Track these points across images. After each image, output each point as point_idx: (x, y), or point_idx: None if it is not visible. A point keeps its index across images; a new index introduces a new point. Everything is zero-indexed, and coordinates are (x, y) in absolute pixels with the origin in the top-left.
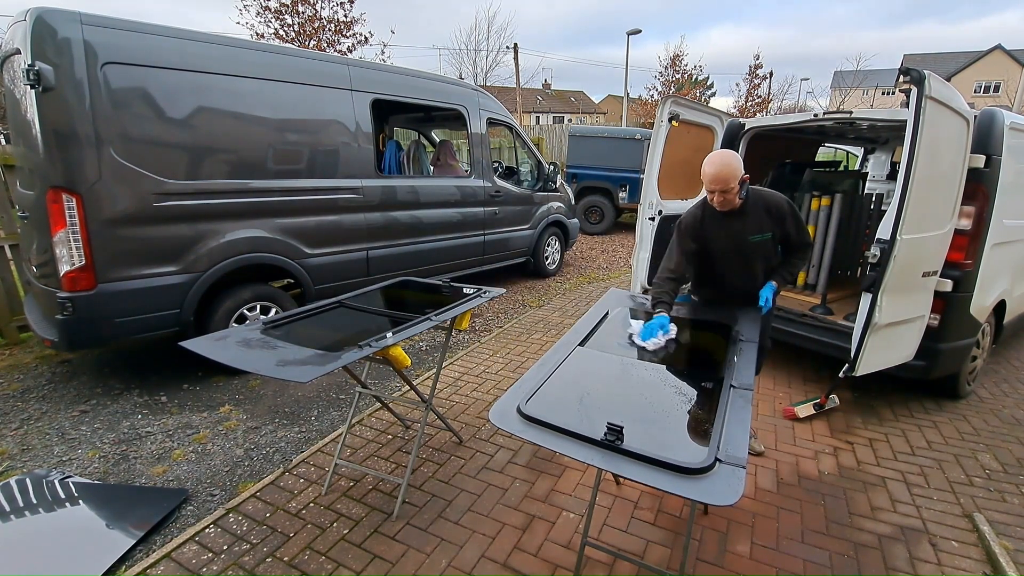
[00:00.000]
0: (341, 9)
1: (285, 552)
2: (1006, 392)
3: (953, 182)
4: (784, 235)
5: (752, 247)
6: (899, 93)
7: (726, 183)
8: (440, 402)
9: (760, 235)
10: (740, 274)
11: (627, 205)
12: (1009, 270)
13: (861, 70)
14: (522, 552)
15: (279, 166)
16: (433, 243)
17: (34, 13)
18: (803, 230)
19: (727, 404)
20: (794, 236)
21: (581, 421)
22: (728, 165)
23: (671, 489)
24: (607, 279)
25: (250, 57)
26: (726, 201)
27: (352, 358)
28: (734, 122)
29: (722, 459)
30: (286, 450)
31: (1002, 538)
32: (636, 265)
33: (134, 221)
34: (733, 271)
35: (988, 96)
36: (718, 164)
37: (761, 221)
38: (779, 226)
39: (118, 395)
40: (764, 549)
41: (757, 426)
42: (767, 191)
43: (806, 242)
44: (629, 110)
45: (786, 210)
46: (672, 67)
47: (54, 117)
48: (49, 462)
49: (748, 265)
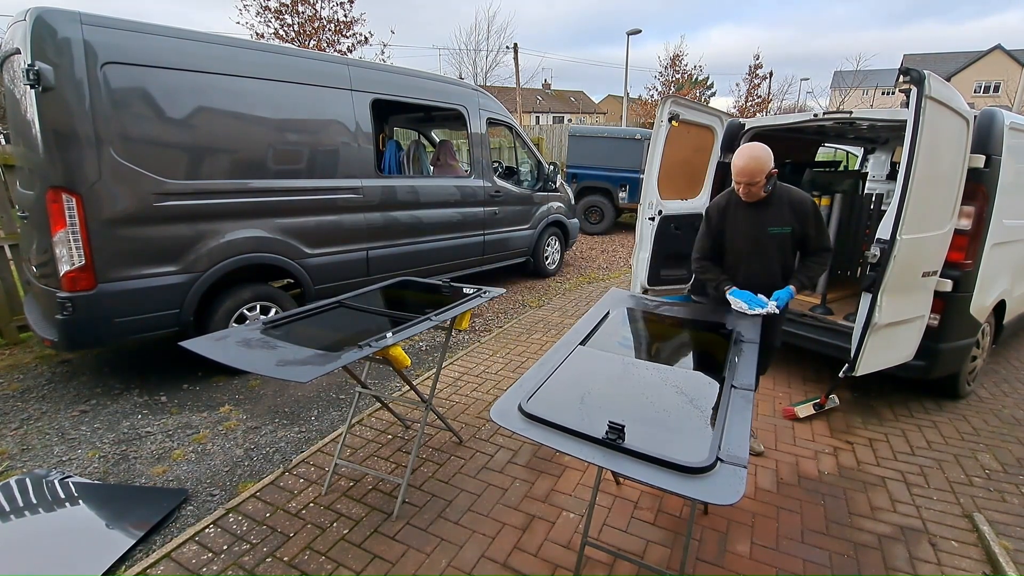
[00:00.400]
0: (341, 9)
1: (285, 552)
2: (1006, 392)
3: (953, 182)
4: (804, 234)
5: (770, 239)
6: (899, 93)
7: (752, 176)
8: (440, 402)
9: (780, 228)
10: (756, 265)
11: (627, 205)
12: (1009, 270)
13: (861, 70)
14: (522, 552)
15: (279, 166)
16: (433, 243)
17: (34, 13)
18: (824, 233)
19: (728, 404)
20: (813, 237)
21: (582, 420)
22: (757, 159)
23: (672, 488)
24: (607, 279)
25: (250, 57)
26: (751, 193)
27: (352, 358)
28: (734, 122)
29: (723, 458)
30: (286, 450)
31: (1002, 538)
32: (636, 265)
33: (134, 221)
34: (749, 261)
35: (988, 96)
36: (747, 157)
37: (783, 214)
38: (800, 223)
39: (118, 395)
40: (764, 549)
41: (757, 426)
42: (795, 189)
43: (825, 246)
44: (629, 110)
45: (809, 209)
46: (672, 67)
47: (54, 117)
48: (49, 462)
49: (764, 257)
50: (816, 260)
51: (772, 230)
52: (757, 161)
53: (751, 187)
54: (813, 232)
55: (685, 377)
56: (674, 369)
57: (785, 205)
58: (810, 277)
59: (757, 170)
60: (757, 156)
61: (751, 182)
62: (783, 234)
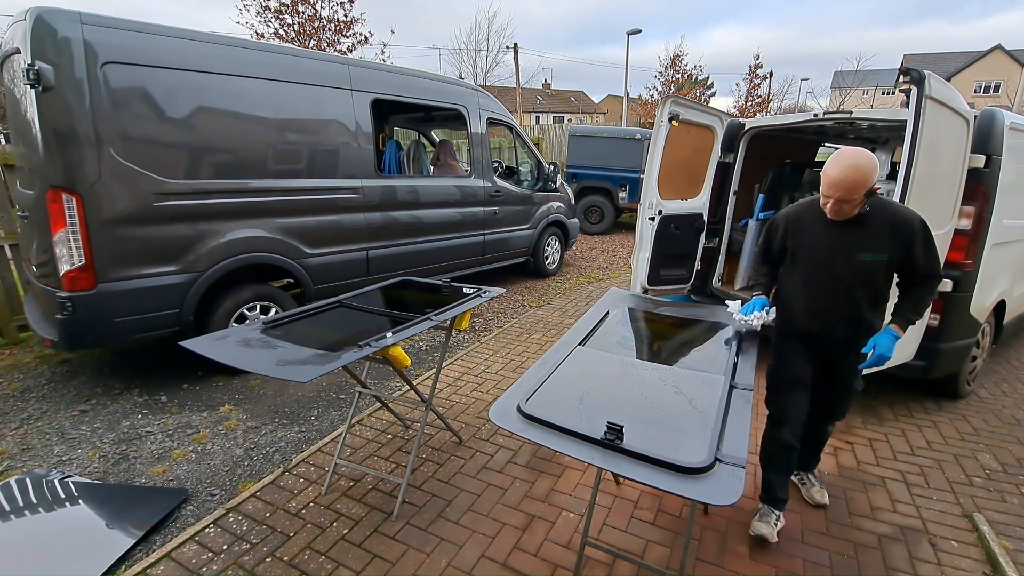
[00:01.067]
0: (341, 9)
1: (285, 552)
2: (1006, 392)
3: (953, 182)
4: (908, 261)
5: (859, 268)
6: (899, 93)
7: (850, 191)
8: (440, 402)
9: (874, 255)
10: (830, 296)
11: (627, 205)
12: (1009, 270)
13: (861, 70)
14: (522, 552)
15: (279, 166)
16: (433, 243)
17: (34, 13)
18: (934, 257)
19: (727, 404)
20: (922, 263)
21: (581, 420)
22: (859, 169)
23: (671, 489)
24: (607, 279)
25: (250, 57)
26: (842, 211)
27: (352, 358)
28: (734, 122)
29: (722, 459)
30: (286, 450)
31: (1002, 538)
32: (636, 265)
33: (134, 221)
34: (824, 292)
35: (988, 96)
36: (846, 166)
37: (880, 238)
38: (903, 249)
39: (118, 395)
40: (764, 549)
41: (758, 426)
42: (899, 205)
43: (935, 272)
44: (629, 110)
45: (917, 230)
46: (672, 67)
47: (54, 117)
48: (49, 462)
49: (843, 286)
50: (927, 289)
51: (863, 256)
52: (859, 172)
53: (844, 204)
54: (922, 257)
55: (685, 377)
56: (674, 369)
57: (884, 226)
58: (919, 313)
59: (858, 184)
60: (859, 165)
61: (846, 198)
62: (876, 262)
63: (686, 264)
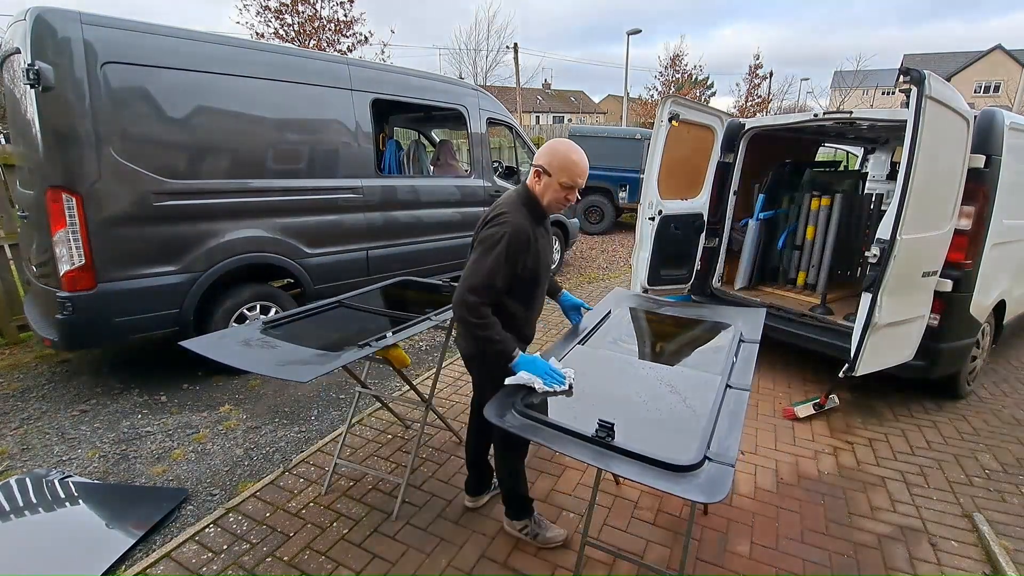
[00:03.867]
0: (341, 9)
1: (285, 552)
2: (1006, 392)
3: (953, 182)
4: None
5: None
6: (899, 93)
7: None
8: (440, 402)
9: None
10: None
11: (627, 205)
12: (1009, 270)
13: (861, 70)
14: (522, 552)
15: (279, 166)
16: (433, 243)
17: (34, 12)
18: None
19: (721, 403)
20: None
21: (575, 418)
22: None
23: (659, 486)
24: (607, 279)
25: (250, 56)
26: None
27: (352, 358)
28: (734, 122)
29: (711, 457)
30: (286, 450)
31: (1002, 538)
32: (636, 265)
33: (134, 220)
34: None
35: (988, 96)
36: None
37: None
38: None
39: (118, 395)
40: (764, 549)
41: (757, 426)
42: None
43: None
44: (629, 110)
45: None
46: (672, 67)
47: (54, 116)
48: (49, 462)
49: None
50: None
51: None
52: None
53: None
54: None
55: (681, 376)
56: (670, 368)
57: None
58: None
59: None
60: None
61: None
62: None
63: (686, 264)
